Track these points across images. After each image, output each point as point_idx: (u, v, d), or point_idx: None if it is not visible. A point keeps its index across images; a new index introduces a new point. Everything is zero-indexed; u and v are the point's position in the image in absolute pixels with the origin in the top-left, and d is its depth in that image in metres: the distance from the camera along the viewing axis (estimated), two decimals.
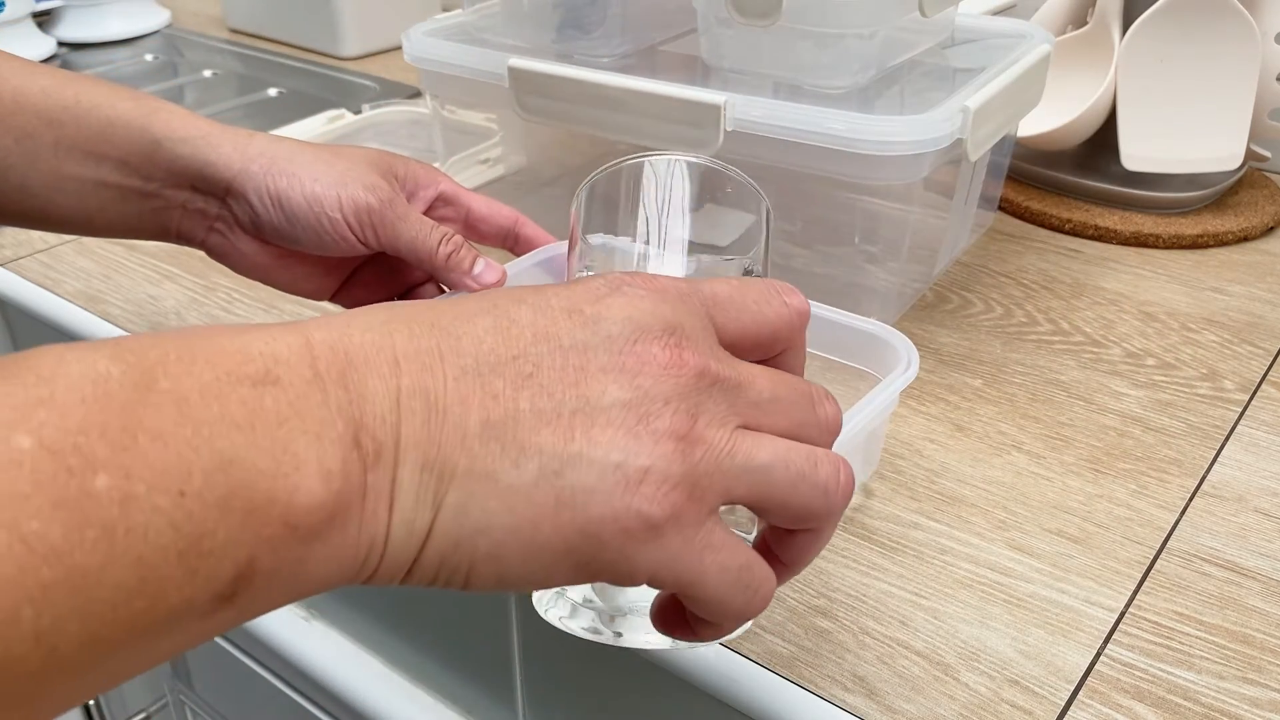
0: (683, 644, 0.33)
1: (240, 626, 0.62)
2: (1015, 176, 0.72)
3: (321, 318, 0.25)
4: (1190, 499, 0.45)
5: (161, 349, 0.22)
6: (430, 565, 0.24)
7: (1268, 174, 0.74)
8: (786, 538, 0.28)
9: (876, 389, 0.41)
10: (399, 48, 0.64)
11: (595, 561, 0.24)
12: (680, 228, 0.36)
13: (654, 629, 0.31)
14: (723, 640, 0.34)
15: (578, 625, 0.33)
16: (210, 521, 0.20)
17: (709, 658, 0.38)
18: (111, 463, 0.19)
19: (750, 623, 0.32)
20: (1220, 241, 0.66)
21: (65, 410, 0.19)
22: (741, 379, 0.27)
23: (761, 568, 0.27)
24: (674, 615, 0.29)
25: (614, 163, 0.36)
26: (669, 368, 0.25)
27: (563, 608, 0.34)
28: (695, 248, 0.36)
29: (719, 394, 0.26)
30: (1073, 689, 0.36)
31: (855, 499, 0.45)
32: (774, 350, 0.29)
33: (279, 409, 0.22)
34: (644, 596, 0.33)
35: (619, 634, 0.33)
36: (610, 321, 0.26)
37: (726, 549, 0.25)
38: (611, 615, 0.33)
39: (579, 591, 0.33)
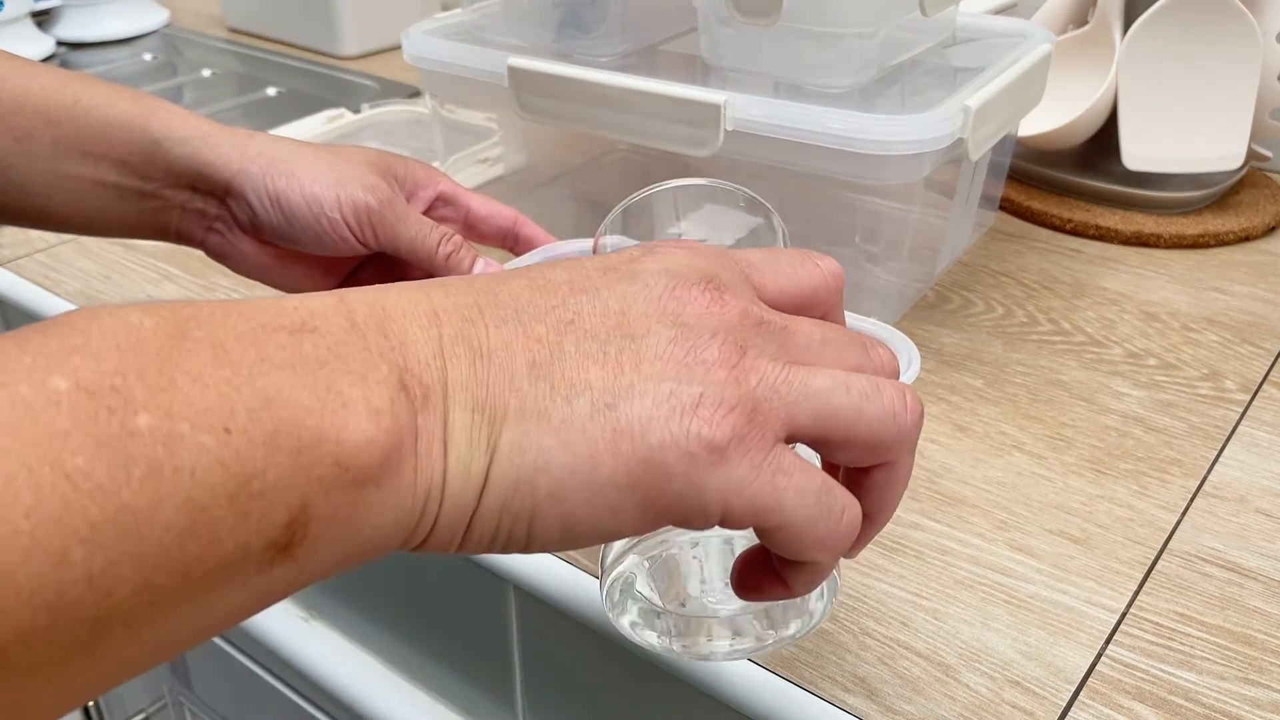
0: (759, 645, 0.31)
1: (239, 626, 0.62)
2: (1016, 176, 0.71)
3: (354, 288, 0.25)
4: (1191, 499, 0.45)
5: (194, 307, 0.22)
6: (491, 514, 0.23)
7: (1269, 173, 0.73)
8: (863, 481, 0.27)
9: None
10: (398, 47, 0.63)
11: (663, 495, 0.23)
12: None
13: (726, 637, 0.30)
14: (795, 637, 0.32)
15: (651, 636, 0.32)
16: (259, 461, 0.20)
17: None
18: (151, 402, 0.19)
19: (836, 584, 0.30)
20: (1221, 241, 0.66)
21: (100, 355, 0.19)
22: (788, 324, 0.26)
23: (843, 492, 0.25)
24: (758, 570, 0.28)
25: (641, 193, 0.36)
26: (711, 307, 0.25)
27: (633, 613, 0.32)
28: None
29: (766, 333, 0.25)
30: (1074, 690, 0.36)
31: None
32: (814, 314, 0.29)
33: (318, 353, 0.22)
34: (716, 596, 0.32)
35: (688, 645, 0.32)
36: (647, 274, 0.26)
37: (799, 472, 0.24)
38: (681, 627, 0.32)
39: (645, 584, 0.32)
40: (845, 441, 0.25)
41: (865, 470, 0.27)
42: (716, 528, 0.25)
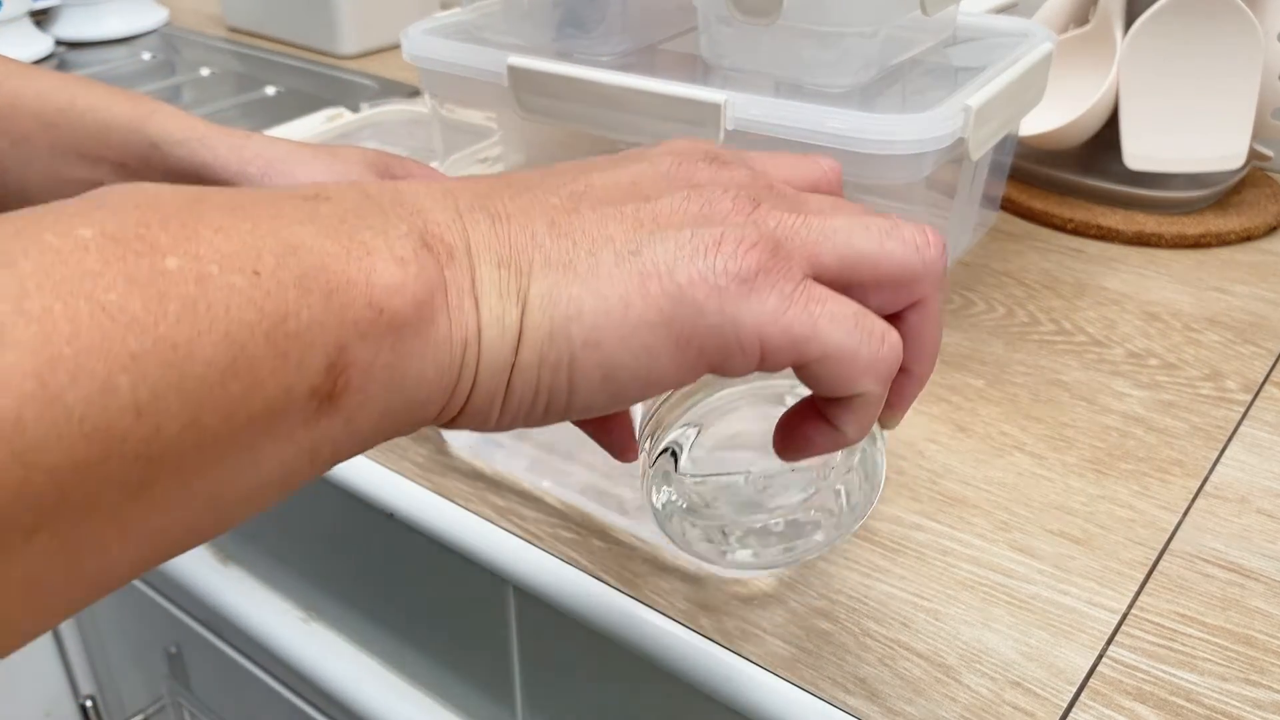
0: (818, 544, 0.31)
1: (237, 625, 0.62)
2: (1017, 176, 0.71)
3: None
4: (1193, 500, 0.45)
5: (206, 187, 0.22)
6: (529, 367, 0.23)
7: (1270, 173, 0.73)
8: (897, 328, 0.26)
9: None
10: (398, 46, 0.63)
11: (697, 332, 0.23)
12: None
13: (780, 541, 0.30)
14: (844, 534, 0.31)
15: (702, 546, 0.31)
16: (291, 301, 0.20)
17: (710, 657, 0.38)
18: (177, 248, 0.19)
19: (880, 471, 0.30)
20: (1223, 241, 0.65)
21: (122, 211, 0.19)
22: (798, 194, 0.27)
23: (879, 319, 0.25)
24: (803, 421, 0.27)
25: None
26: (719, 173, 0.26)
27: (681, 523, 0.31)
28: None
29: (777, 194, 0.26)
30: (1075, 691, 0.36)
31: None
32: None
33: (336, 212, 0.22)
34: (763, 495, 0.32)
35: (735, 552, 0.31)
36: (653, 155, 0.27)
37: (832, 299, 0.24)
38: (728, 533, 0.31)
39: (690, 489, 0.31)
40: (872, 279, 0.25)
41: (898, 316, 0.27)
42: (759, 386, 0.24)
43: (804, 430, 0.27)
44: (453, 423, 0.24)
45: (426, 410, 0.23)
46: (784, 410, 0.28)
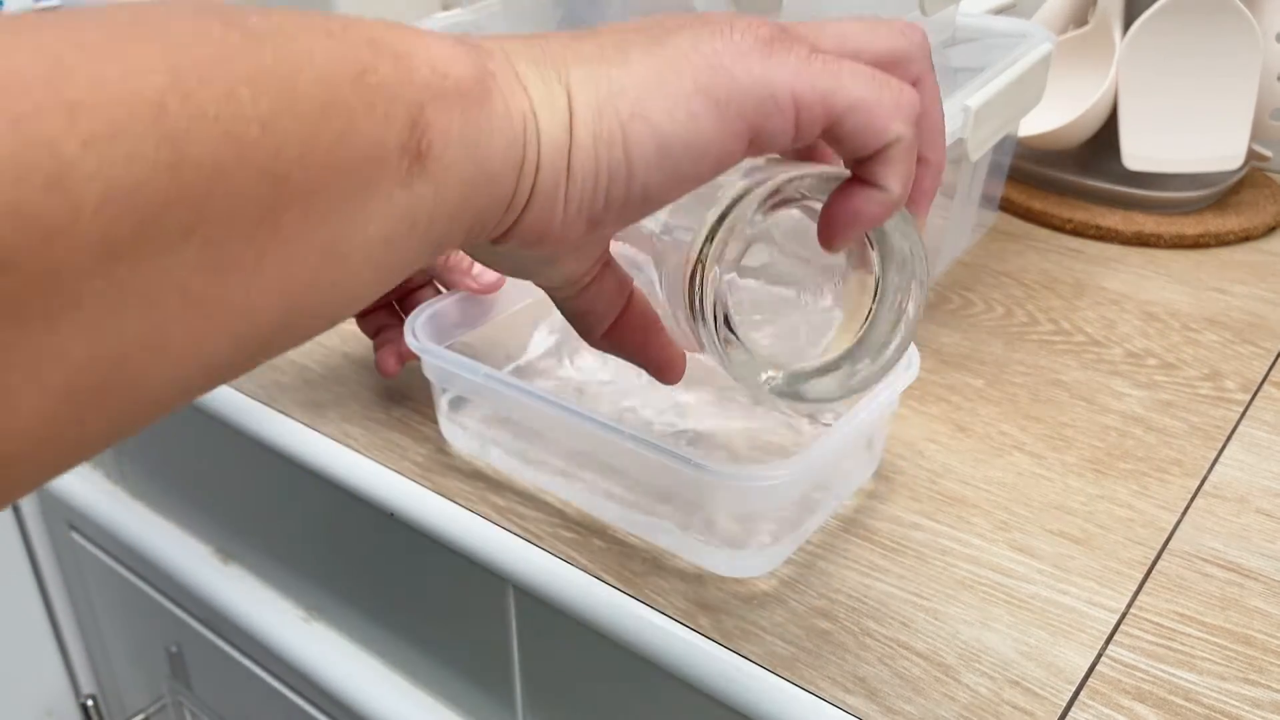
0: (885, 363, 0.31)
1: (237, 625, 0.62)
2: (1016, 176, 0.71)
3: None
4: (1192, 499, 0.45)
5: None
6: (586, 144, 0.25)
7: (1269, 173, 0.73)
8: None
9: (877, 389, 0.41)
10: None
11: (735, 93, 0.25)
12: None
13: (841, 372, 0.31)
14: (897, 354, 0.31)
15: (780, 392, 0.31)
16: (366, 58, 0.21)
17: (710, 657, 0.38)
18: (255, 14, 0.20)
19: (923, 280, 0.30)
20: (1222, 241, 0.66)
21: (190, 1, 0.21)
22: None
23: (888, 76, 0.27)
24: (844, 197, 0.27)
25: None
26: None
27: (755, 372, 0.31)
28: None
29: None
30: (1074, 690, 0.36)
31: (856, 500, 0.44)
32: None
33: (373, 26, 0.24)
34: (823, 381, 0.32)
35: (803, 392, 0.31)
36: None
37: (845, 60, 0.26)
38: (848, 376, 0.32)
39: (785, 366, 0.31)
40: (870, 63, 0.27)
41: None
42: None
43: (848, 205, 0.28)
44: (521, 219, 0.25)
45: (501, 188, 0.24)
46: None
